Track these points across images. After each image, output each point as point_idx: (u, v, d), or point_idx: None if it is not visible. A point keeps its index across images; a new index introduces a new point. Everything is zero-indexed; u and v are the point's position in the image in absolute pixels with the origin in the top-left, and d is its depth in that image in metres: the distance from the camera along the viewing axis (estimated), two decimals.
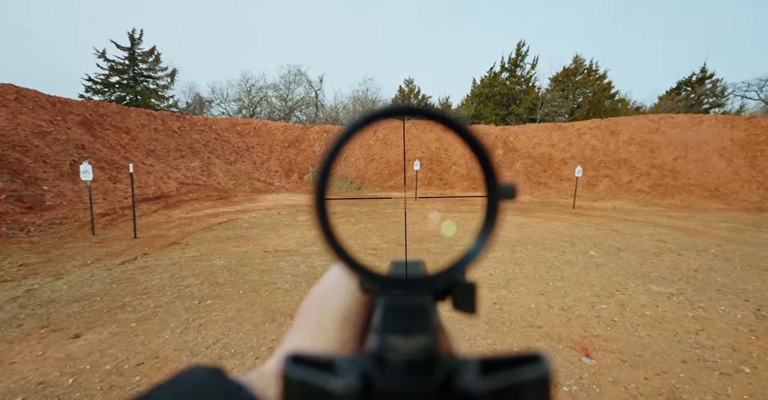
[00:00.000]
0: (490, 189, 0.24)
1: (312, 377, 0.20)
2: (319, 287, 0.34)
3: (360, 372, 0.20)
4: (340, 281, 0.32)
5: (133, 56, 26.94)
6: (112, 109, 14.13)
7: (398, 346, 0.21)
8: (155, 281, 4.31)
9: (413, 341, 0.21)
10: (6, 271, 4.57)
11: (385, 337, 0.22)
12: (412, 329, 0.22)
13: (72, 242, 6.21)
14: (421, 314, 0.23)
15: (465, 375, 0.20)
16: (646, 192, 13.85)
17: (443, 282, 0.26)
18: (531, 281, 4.51)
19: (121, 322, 3.28)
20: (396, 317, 0.23)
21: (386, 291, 0.25)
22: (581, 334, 3.17)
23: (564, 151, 16.83)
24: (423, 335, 0.22)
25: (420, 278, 0.25)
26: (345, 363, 0.21)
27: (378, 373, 0.20)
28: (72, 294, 3.88)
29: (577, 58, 28.65)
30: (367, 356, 0.22)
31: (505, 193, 0.24)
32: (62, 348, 2.80)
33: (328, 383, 0.19)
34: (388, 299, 0.24)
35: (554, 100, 27.58)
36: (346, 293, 0.31)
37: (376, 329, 0.23)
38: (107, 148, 11.95)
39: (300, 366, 0.21)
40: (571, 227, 7.97)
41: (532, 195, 14.63)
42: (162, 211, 9.42)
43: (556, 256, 5.64)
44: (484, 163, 0.24)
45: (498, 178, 0.24)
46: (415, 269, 0.31)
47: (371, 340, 0.23)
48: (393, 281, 0.25)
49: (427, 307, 0.24)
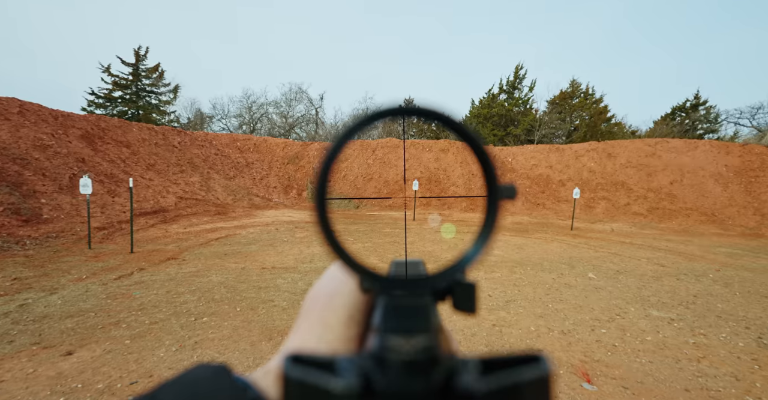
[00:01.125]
0: (491, 189, 0.24)
1: (312, 377, 0.20)
2: (322, 285, 0.34)
3: (360, 372, 0.20)
4: (345, 278, 0.32)
5: (137, 72, 27.48)
6: (114, 123, 14.28)
7: (398, 346, 0.21)
8: (151, 297, 4.25)
9: (413, 342, 0.21)
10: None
11: (386, 337, 0.22)
12: (413, 330, 0.22)
13: (68, 255, 6.15)
14: (421, 315, 0.23)
15: (465, 375, 0.20)
16: (644, 215, 13.94)
17: (443, 282, 0.26)
18: (530, 303, 4.48)
19: (116, 339, 3.21)
20: (396, 317, 0.23)
21: (386, 291, 0.25)
22: (582, 359, 3.13)
23: (562, 173, 17.02)
24: (423, 335, 0.22)
25: (420, 278, 0.25)
26: (345, 363, 0.21)
27: (378, 373, 0.20)
28: (66, 310, 3.81)
29: (574, 82, 29.47)
30: (367, 356, 0.22)
31: (505, 193, 0.24)
32: (54, 366, 2.73)
33: (328, 383, 0.19)
34: (389, 299, 0.24)
35: (552, 123, 28.15)
36: (351, 290, 0.31)
37: (377, 329, 0.23)
38: (107, 162, 12.00)
39: (300, 366, 0.21)
40: (570, 249, 7.97)
41: (531, 216, 14.68)
42: (160, 225, 9.37)
43: (555, 278, 5.61)
44: (484, 163, 0.24)
45: (498, 178, 0.24)
46: (415, 269, 0.30)
47: (371, 340, 0.23)
48: (393, 281, 0.25)
49: (427, 307, 0.24)
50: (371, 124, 0.24)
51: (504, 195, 0.24)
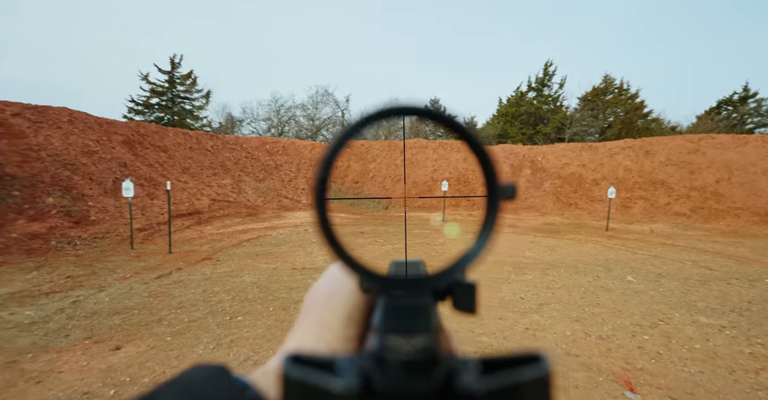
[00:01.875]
0: (491, 189, 0.24)
1: (312, 377, 0.20)
2: (322, 285, 0.34)
3: (360, 372, 0.20)
4: (345, 278, 0.32)
5: (172, 79, 28.78)
6: (152, 129, 15.01)
7: (398, 346, 0.21)
8: (189, 296, 4.44)
9: (413, 342, 0.21)
10: (55, 282, 4.84)
11: (385, 337, 0.21)
12: (413, 330, 0.22)
13: (113, 255, 6.52)
14: (422, 314, 0.23)
15: (465, 375, 0.20)
16: (687, 215, 13.16)
17: (443, 282, 0.25)
18: (565, 307, 4.33)
19: (158, 335, 3.37)
20: (396, 317, 0.23)
21: (386, 291, 0.25)
22: (623, 366, 2.99)
23: (595, 172, 16.36)
24: (423, 335, 0.21)
25: (420, 278, 0.25)
26: (345, 363, 0.21)
27: (378, 373, 0.20)
28: (113, 307, 4.04)
29: (607, 78, 28.28)
30: (367, 356, 0.22)
31: (505, 193, 0.24)
32: (104, 360, 2.90)
33: (328, 383, 0.19)
34: (389, 299, 0.24)
35: (583, 120, 27.14)
36: (350, 290, 0.31)
37: (376, 329, 0.23)
38: (146, 166, 12.63)
39: (300, 366, 0.21)
40: (606, 251, 7.64)
41: (563, 216, 14.20)
42: (195, 227, 9.77)
43: (590, 281, 5.40)
44: (485, 163, 0.24)
45: (498, 178, 0.24)
46: (416, 269, 0.30)
47: (371, 340, 0.23)
48: (393, 281, 0.25)
49: (427, 307, 0.24)
50: (371, 124, 0.24)
51: (504, 195, 0.24)
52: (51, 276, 5.10)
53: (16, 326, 3.50)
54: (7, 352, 3.01)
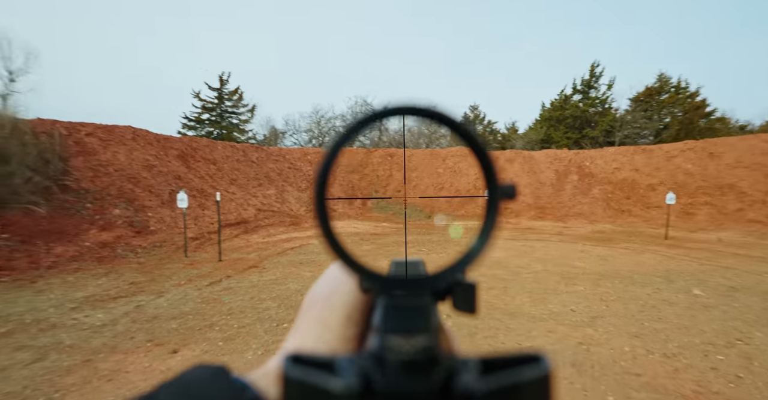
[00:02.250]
0: (491, 189, 0.24)
1: (312, 377, 0.20)
2: (321, 285, 0.34)
3: (360, 372, 0.20)
4: (344, 278, 0.32)
5: (221, 95, 30.65)
6: (203, 143, 16.04)
7: (398, 346, 0.21)
8: (238, 303, 4.63)
9: (413, 342, 0.21)
10: (121, 288, 5.26)
11: (385, 337, 0.21)
12: (412, 330, 0.22)
13: (169, 263, 6.98)
14: (421, 314, 0.23)
15: (465, 375, 0.20)
16: (763, 223, 11.85)
17: (443, 282, 0.25)
18: (622, 321, 4.04)
19: (211, 340, 3.54)
20: (396, 317, 0.23)
21: (386, 291, 0.25)
22: (695, 389, 2.71)
23: (651, 176, 15.25)
24: (423, 335, 0.21)
25: (420, 278, 0.25)
26: (345, 363, 0.21)
27: (378, 373, 0.20)
28: (170, 312, 4.31)
29: (662, 76, 26.41)
30: (367, 356, 0.21)
31: (505, 193, 0.24)
32: (164, 362, 3.09)
33: (328, 383, 0.19)
34: (388, 299, 0.24)
35: (635, 122, 25.47)
36: (350, 290, 0.31)
37: (376, 328, 0.23)
38: (198, 178, 13.48)
39: (300, 366, 0.21)
40: (666, 261, 7.05)
41: (614, 224, 13.33)
42: (242, 235, 10.24)
43: (649, 293, 5.00)
44: (485, 164, 0.24)
45: (498, 178, 0.24)
46: (415, 269, 0.30)
47: (371, 340, 0.23)
48: (393, 281, 0.25)
49: (427, 307, 0.24)
50: (372, 124, 0.24)
51: (504, 195, 0.25)
52: (117, 282, 5.55)
53: (90, 327, 3.83)
54: (84, 351, 3.29)
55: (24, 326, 3.85)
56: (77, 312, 4.26)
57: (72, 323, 3.95)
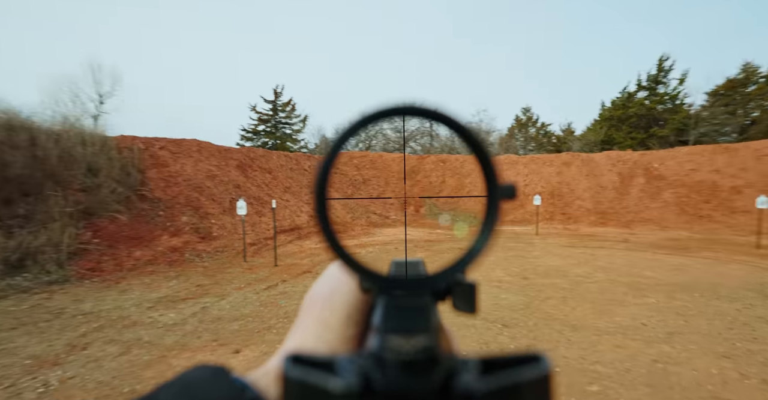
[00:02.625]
0: (491, 189, 0.24)
1: (312, 377, 0.19)
2: (321, 285, 0.34)
3: (360, 372, 0.20)
4: (344, 278, 0.32)
5: (275, 107, 32.41)
6: (260, 153, 17.01)
7: (398, 346, 0.21)
8: (293, 306, 4.81)
9: (413, 342, 0.21)
10: (189, 290, 5.71)
11: (385, 337, 0.21)
12: (412, 330, 0.22)
13: (230, 267, 7.45)
14: (421, 314, 0.23)
15: (465, 375, 0.20)
16: None
17: (443, 282, 0.25)
18: (705, 339, 3.62)
19: (269, 343, 3.70)
20: (396, 317, 0.23)
21: (386, 291, 0.25)
22: None
23: (735, 178, 13.60)
24: (423, 335, 0.21)
25: (420, 278, 0.25)
26: (345, 363, 0.21)
27: (378, 373, 0.20)
28: (233, 314, 4.59)
29: (748, 66, 23.54)
30: (367, 356, 0.21)
31: (505, 193, 0.24)
32: (228, 361, 3.28)
33: (328, 383, 0.19)
34: (388, 299, 0.24)
35: (714, 118, 22.92)
36: (350, 290, 0.31)
37: (376, 328, 0.23)
38: (255, 186, 14.30)
39: (300, 366, 0.20)
40: (759, 273, 6.22)
41: (690, 230, 12.03)
42: (296, 241, 10.67)
43: (740, 309, 4.43)
44: (485, 164, 0.24)
45: (498, 179, 0.24)
46: (415, 269, 0.30)
47: (371, 339, 0.23)
48: (393, 280, 0.25)
49: (427, 307, 0.24)
50: (372, 124, 0.24)
51: (504, 195, 0.24)
52: (186, 284, 6.03)
53: (164, 326, 4.19)
54: (160, 347, 3.61)
55: (111, 322, 4.31)
56: (153, 311, 4.68)
57: (149, 321, 4.35)
